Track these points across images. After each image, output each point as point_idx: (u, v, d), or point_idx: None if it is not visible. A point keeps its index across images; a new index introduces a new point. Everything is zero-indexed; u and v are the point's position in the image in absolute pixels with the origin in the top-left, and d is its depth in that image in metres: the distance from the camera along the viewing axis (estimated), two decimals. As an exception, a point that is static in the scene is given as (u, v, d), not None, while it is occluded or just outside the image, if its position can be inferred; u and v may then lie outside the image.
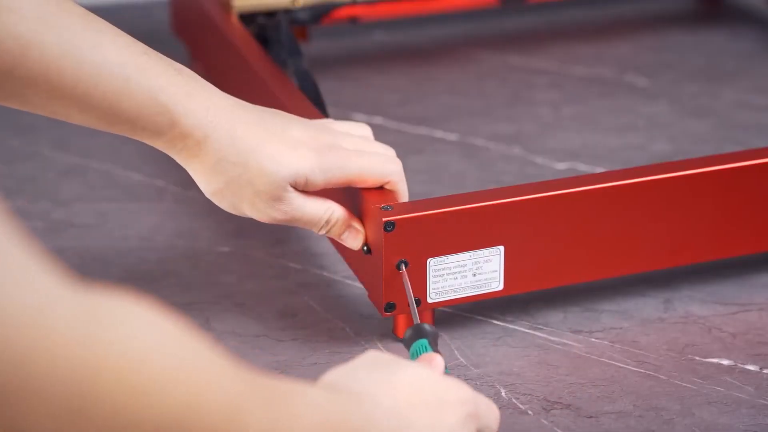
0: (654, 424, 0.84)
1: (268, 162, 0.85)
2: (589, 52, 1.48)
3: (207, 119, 0.85)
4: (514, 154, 1.23)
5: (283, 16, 1.32)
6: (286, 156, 0.86)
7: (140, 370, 0.49)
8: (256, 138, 0.85)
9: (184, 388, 0.51)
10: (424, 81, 1.41)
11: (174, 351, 0.52)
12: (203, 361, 0.54)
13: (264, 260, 1.04)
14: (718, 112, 1.32)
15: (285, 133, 0.87)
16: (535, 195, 0.90)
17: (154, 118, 0.83)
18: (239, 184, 0.86)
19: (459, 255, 0.89)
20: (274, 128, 0.87)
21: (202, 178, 0.87)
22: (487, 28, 1.56)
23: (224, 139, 0.85)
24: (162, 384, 0.50)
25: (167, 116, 0.84)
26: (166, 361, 0.51)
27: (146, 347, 0.50)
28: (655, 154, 1.22)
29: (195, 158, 0.86)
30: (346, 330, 0.95)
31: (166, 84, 0.83)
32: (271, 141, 0.86)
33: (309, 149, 0.87)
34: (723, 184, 0.94)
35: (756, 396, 0.87)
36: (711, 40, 1.51)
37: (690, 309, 0.97)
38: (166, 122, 0.84)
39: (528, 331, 0.95)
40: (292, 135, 0.87)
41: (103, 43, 0.81)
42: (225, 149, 0.85)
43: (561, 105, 1.34)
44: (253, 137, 0.85)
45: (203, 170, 0.87)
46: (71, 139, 1.27)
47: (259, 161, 0.85)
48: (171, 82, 0.84)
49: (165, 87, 0.83)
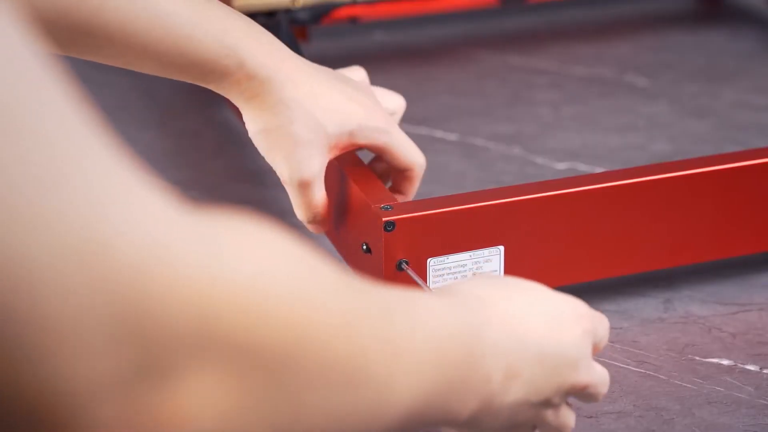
0: (654, 424, 0.84)
1: (320, 113, 0.88)
2: (589, 52, 1.48)
3: (271, 61, 0.88)
4: (514, 154, 1.23)
5: (283, 16, 1.32)
6: (338, 110, 0.89)
7: (259, 294, 0.50)
8: (312, 87, 0.89)
9: (301, 308, 0.52)
10: (424, 81, 1.41)
11: (292, 268, 0.52)
12: (320, 276, 0.54)
13: (264, 260, 1.04)
14: (718, 112, 1.32)
15: (337, 88, 0.90)
16: (535, 195, 0.90)
17: (223, 61, 0.86)
18: (285, 133, 0.88)
19: (459, 255, 0.89)
20: (329, 81, 0.90)
21: (254, 116, 0.89)
22: (487, 28, 1.56)
23: (285, 83, 0.88)
24: (280, 307, 0.51)
25: (234, 58, 0.86)
26: (285, 280, 0.51)
27: (265, 269, 0.50)
28: (655, 154, 1.22)
29: (256, 97, 0.88)
30: (346, 330, 0.95)
31: (231, 27, 0.86)
32: (325, 94, 0.89)
33: (359, 106, 0.90)
34: (723, 184, 0.94)
35: (756, 396, 0.87)
36: (711, 40, 1.51)
37: (690, 309, 0.97)
38: (233, 64, 0.87)
39: (528, 331, 0.95)
40: (344, 91, 0.90)
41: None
42: (285, 92, 0.88)
43: (561, 105, 1.34)
44: (310, 86, 0.89)
45: (259, 109, 0.89)
46: (71, 139, 1.27)
47: (311, 111, 0.88)
48: (235, 26, 0.87)
49: (230, 30, 0.86)
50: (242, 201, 1.14)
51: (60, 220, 0.43)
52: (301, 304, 0.52)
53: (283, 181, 0.91)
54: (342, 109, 0.89)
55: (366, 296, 0.57)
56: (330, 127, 0.89)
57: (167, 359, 0.47)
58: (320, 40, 1.47)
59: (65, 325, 0.44)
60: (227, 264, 0.49)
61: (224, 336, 0.48)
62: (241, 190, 1.17)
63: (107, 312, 0.44)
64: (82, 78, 1.37)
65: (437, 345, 0.60)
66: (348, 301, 0.55)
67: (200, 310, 0.47)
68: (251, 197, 1.15)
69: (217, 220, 0.51)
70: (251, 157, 1.22)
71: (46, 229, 0.43)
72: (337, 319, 0.54)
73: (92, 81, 1.39)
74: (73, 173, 0.44)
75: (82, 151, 0.45)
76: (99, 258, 0.44)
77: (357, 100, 0.91)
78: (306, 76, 0.89)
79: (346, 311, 0.55)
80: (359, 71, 0.98)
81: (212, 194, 1.16)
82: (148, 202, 0.47)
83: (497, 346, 0.65)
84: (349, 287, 0.56)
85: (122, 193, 0.46)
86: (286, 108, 0.88)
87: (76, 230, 0.43)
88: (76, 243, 0.43)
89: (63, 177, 0.43)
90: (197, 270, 0.47)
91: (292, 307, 0.51)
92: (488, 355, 0.64)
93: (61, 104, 0.44)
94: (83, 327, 0.44)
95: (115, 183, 0.46)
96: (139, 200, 0.46)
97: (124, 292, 0.45)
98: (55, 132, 0.43)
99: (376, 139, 0.91)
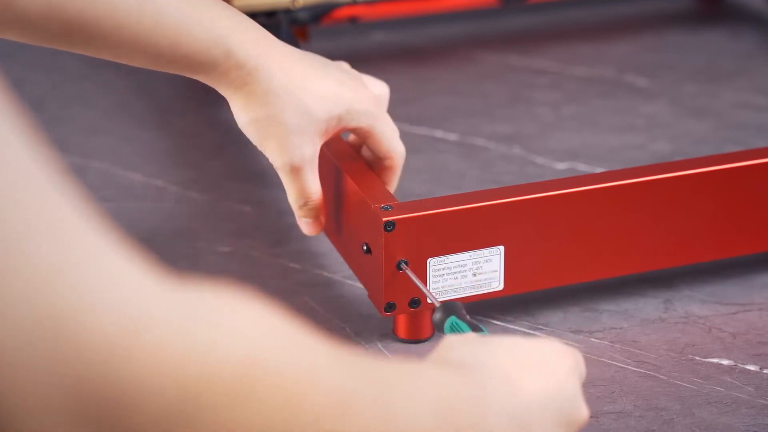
0: (654, 424, 0.84)
1: (310, 100, 0.89)
2: (589, 52, 1.48)
3: (259, 50, 0.88)
4: (514, 154, 1.23)
5: (283, 16, 1.32)
6: (327, 95, 0.90)
7: (247, 373, 0.47)
8: (301, 73, 0.89)
9: (294, 385, 0.49)
10: (424, 81, 1.41)
11: (280, 347, 0.50)
12: (311, 353, 0.52)
13: (264, 260, 1.04)
14: (718, 112, 1.32)
15: (326, 73, 0.91)
16: (535, 195, 0.90)
17: (212, 51, 0.86)
18: (276, 121, 0.89)
19: (459, 255, 0.89)
20: (317, 67, 0.91)
21: (244, 106, 0.89)
22: (487, 28, 1.56)
23: (274, 71, 0.88)
24: (268, 388, 0.48)
25: (222, 48, 0.87)
26: (273, 359, 0.49)
27: (251, 349, 0.48)
28: (655, 154, 1.22)
29: (245, 87, 0.88)
30: (346, 330, 0.95)
31: (218, 17, 0.87)
32: (314, 79, 0.90)
33: (348, 89, 0.91)
34: (723, 184, 0.94)
35: (756, 396, 0.87)
36: (711, 40, 1.51)
37: (690, 309, 0.97)
38: (221, 54, 0.87)
39: (528, 331, 0.95)
40: (333, 75, 0.91)
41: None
42: (274, 81, 0.88)
43: (561, 105, 1.34)
44: (299, 72, 0.89)
45: (248, 99, 0.89)
46: (71, 139, 1.27)
47: (301, 98, 0.89)
48: (222, 15, 0.87)
49: (218, 20, 0.87)
50: (242, 201, 1.14)
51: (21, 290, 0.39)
52: (290, 384, 0.49)
53: (276, 168, 0.91)
54: (331, 93, 0.90)
55: (361, 372, 0.55)
56: (320, 112, 0.89)
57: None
58: (320, 40, 1.47)
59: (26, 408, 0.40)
60: (215, 343, 0.46)
61: (207, 419, 0.46)
62: (241, 190, 1.17)
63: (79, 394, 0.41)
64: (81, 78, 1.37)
65: (439, 418, 0.59)
66: (342, 378, 0.53)
67: (181, 392, 0.45)
68: (251, 197, 1.15)
69: (204, 295, 0.49)
70: (251, 157, 1.22)
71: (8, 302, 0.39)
72: (329, 398, 0.52)
73: (92, 81, 1.39)
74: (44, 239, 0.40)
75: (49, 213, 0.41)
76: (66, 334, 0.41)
77: (346, 84, 0.91)
78: (294, 63, 0.89)
79: (339, 389, 0.52)
80: (343, 64, 0.98)
81: (212, 194, 1.16)
82: (126, 273, 0.44)
83: (503, 414, 0.64)
84: (344, 363, 0.54)
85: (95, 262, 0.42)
86: (276, 96, 0.88)
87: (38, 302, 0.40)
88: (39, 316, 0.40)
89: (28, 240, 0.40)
90: (182, 348, 0.45)
91: (283, 388, 0.49)
92: (495, 425, 0.63)
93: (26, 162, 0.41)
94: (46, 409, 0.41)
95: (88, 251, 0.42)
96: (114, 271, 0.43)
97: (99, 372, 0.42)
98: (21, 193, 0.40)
99: (363, 122, 0.92)
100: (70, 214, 0.42)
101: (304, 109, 0.89)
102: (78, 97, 1.38)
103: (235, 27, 0.87)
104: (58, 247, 0.41)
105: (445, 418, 0.59)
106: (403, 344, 0.93)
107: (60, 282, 0.41)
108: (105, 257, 0.43)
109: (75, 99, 1.37)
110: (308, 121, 0.89)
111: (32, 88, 1.39)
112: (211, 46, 0.86)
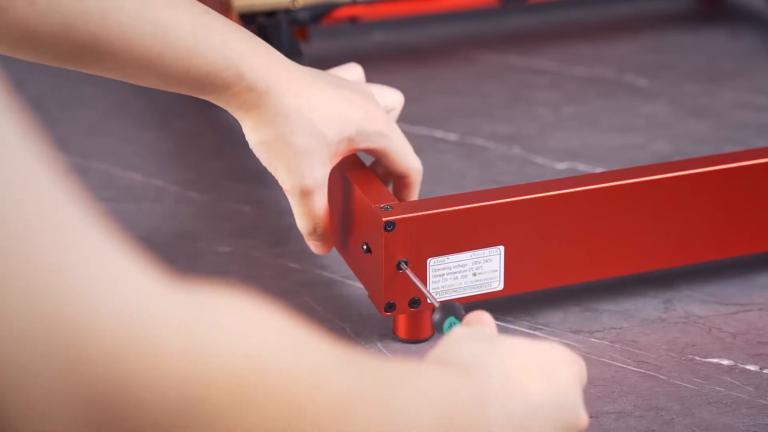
0: (654, 424, 0.84)
1: (321, 122, 0.88)
2: (589, 52, 1.48)
3: (269, 72, 0.87)
4: (514, 154, 1.23)
5: (283, 16, 1.32)
6: (338, 117, 0.89)
7: (248, 374, 0.47)
8: (311, 95, 0.88)
9: (295, 386, 0.49)
10: (424, 81, 1.41)
11: (280, 347, 0.50)
12: (313, 354, 0.52)
13: (264, 260, 1.04)
14: (718, 112, 1.32)
15: (336, 94, 0.90)
16: (535, 195, 0.90)
17: (223, 74, 0.86)
18: (285, 143, 0.88)
19: (459, 255, 0.89)
20: (328, 87, 0.90)
21: (254, 128, 0.89)
22: (487, 28, 1.56)
23: (284, 93, 0.87)
24: (272, 389, 0.48)
25: (234, 70, 0.86)
26: (274, 359, 0.49)
27: (252, 349, 0.48)
28: (655, 154, 1.22)
29: (255, 109, 0.88)
30: (346, 330, 0.95)
31: (230, 39, 0.86)
32: (324, 101, 0.89)
33: (359, 109, 0.90)
34: (723, 184, 0.94)
35: (756, 396, 0.87)
36: (711, 40, 1.51)
37: (690, 309, 0.97)
38: (233, 76, 0.86)
39: (528, 331, 0.95)
40: (343, 95, 0.90)
41: (173, 2, 0.84)
42: (284, 103, 0.87)
43: (561, 105, 1.34)
44: (309, 94, 0.88)
45: (258, 121, 0.88)
46: (71, 139, 1.27)
47: (311, 120, 0.88)
48: (234, 38, 0.86)
49: (229, 42, 0.86)
50: (242, 201, 1.14)
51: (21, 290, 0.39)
52: (292, 385, 0.49)
53: (285, 190, 0.90)
54: (342, 115, 0.89)
55: (364, 373, 0.55)
56: (330, 134, 0.88)
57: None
58: (320, 40, 1.47)
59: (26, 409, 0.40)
60: (216, 344, 0.46)
61: (208, 420, 0.45)
62: (241, 190, 1.17)
63: (81, 397, 0.41)
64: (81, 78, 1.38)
65: (441, 418, 0.59)
66: (344, 379, 0.53)
67: (186, 393, 0.44)
68: (251, 197, 1.15)
69: (205, 296, 0.48)
70: (251, 157, 1.21)
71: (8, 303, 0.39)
72: (331, 399, 0.51)
73: (92, 81, 1.39)
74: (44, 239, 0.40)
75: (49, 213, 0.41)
76: (66, 334, 0.40)
77: (356, 104, 0.90)
78: (305, 84, 0.88)
79: (340, 390, 0.52)
80: (355, 68, 0.97)
81: (212, 194, 1.16)
82: (126, 274, 0.43)
83: (503, 413, 0.63)
84: (346, 364, 0.54)
85: (95, 263, 0.42)
86: (286, 118, 0.88)
87: (37, 303, 0.40)
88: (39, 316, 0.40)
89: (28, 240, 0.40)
90: (183, 350, 0.44)
91: (284, 390, 0.49)
92: (495, 424, 0.63)
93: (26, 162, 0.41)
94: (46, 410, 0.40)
95: (88, 252, 0.42)
96: (114, 272, 0.43)
97: (101, 374, 0.41)
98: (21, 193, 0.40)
99: (375, 143, 0.91)
100: (70, 214, 0.42)
101: (315, 131, 0.88)
102: (78, 98, 1.38)
103: (246, 49, 0.87)
104: (58, 247, 0.41)
105: (447, 418, 0.59)
106: (403, 344, 0.93)
107: (60, 282, 0.40)
108: (105, 257, 0.43)
109: (75, 99, 1.37)
110: (318, 143, 0.88)
111: (32, 88, 1.39)
112: (222, 68, 0.86)
